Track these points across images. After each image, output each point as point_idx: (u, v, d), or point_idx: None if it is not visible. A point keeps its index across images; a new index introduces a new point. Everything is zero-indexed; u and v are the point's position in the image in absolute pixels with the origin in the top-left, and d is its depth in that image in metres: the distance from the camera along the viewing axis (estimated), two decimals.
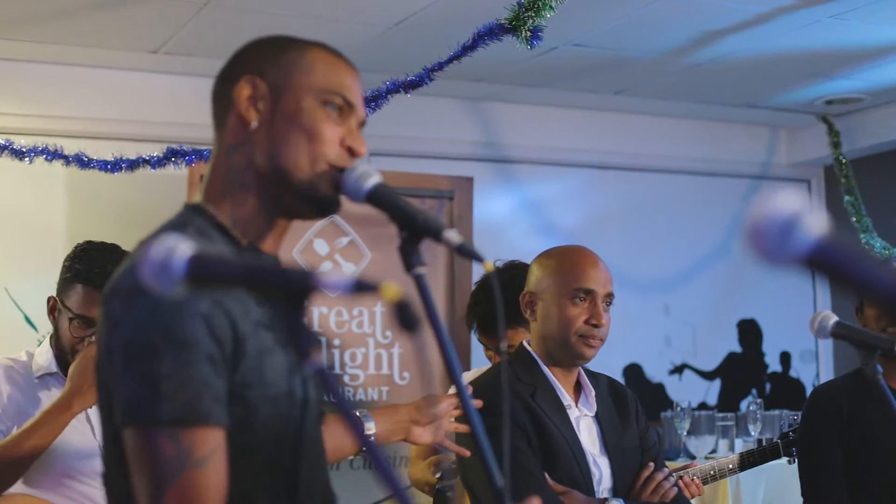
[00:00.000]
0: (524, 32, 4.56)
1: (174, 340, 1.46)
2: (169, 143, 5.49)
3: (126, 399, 1.48)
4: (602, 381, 3.03)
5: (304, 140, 1.67)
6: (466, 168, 6.60)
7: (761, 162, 7.79)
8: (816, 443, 3.16)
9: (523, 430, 2.74)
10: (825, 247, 0.93)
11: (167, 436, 1.45)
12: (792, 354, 7.79)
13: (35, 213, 5.72)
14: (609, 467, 2.86)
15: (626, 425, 2.95)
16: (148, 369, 1.46)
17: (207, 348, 1.49)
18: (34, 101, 5.81)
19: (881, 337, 2.19)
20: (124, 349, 1.48)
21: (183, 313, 1.48)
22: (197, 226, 1.63)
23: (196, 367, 1.47)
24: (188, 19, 5.21)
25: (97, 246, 3.17)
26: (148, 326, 1.47)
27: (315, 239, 6.03)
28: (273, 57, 1.70)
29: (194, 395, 1.46)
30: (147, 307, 1.47)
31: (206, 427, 1.47)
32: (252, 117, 1.66)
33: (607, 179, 7.30)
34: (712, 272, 7.52)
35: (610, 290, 2.87)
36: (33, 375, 3.12)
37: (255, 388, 1.55)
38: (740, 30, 5.64)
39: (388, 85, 5.06)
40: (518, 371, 2.87)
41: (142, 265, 1.23)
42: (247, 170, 1.67)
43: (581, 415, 2.89)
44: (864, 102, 7.15)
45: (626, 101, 7.10)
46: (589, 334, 2.82)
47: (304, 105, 1.68)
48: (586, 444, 2.84)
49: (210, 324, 1.50)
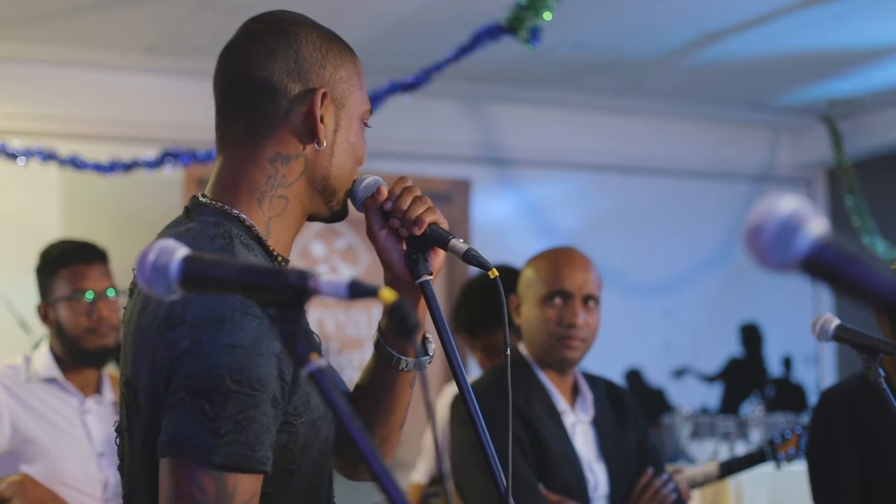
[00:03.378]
0: (523, 33, 4.53)
1: (246, 382, 1.40)
2: (164, 143, 5.47)
3: (178, 432, 1.41)
4: (601, 385, 2.97)
5: (353, 162, 1.66)
6: (465, 169, 6.57)
7: (763, 164, 7.76)
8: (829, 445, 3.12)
9: (517, 438, 2.71)
10: (823, 250, 0.91)
11: (212, 478, 1.40)
12: (794, 358, 7.76)
13: (29, 216, 5.70)
14: (606, 473, 2.81)
15: (623, 430, 2.90)
16: (212, 408, 1.39)
17: (274, 391, 1.44)
18: (28, 102, 5.79)
19: (883, 340, 2.14)
20: (189, 382, 1.40)
21: (259, 354, 1.42)
22: (240, 238, 1.55)
23: (261, 411, 1.42)
24: (184, 19, 5.19)
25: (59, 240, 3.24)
26: (220, 364, 1.40)
27: (313, 242, 6.01)
28: (335, 67, 1.62)
29: (255, 441, 1.41)
30: (221, 342, 1.41)
31: (254, 475, 1.43)
32: (324, 136, 1.60)
33: (607, 181, 7.27)
34: (713, 275, 7.49)
35: (590, 291, 2.80)
36: (31, 381, 3.09)
37: (301, 416, 1.51)
38: (742, 30, 5.61)
39: (387, 86, 5.04)
40: (513, 377, 2.81)
41: (136, 267, 1.20)
42: (294, 182, 1.61)
43: (577, 420, 2.84)
44: (867, 104, 7.12)
45: (626, 103, 7.07)
46: (565, 335, 2.77)
47: (357, 127, 1.66)
48: (582, 451, 2.80)
49: (281, 364, 1.44)
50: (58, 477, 2.99)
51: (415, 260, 1.65)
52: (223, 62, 1.65)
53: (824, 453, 3.11)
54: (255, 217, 1.60)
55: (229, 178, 1.61)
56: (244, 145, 1.61)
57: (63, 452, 3.01)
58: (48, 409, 3.03)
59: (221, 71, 1.64)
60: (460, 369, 1.60)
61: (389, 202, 1.66)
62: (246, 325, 1.41)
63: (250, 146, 1.60)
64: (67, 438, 3.02)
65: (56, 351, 3.12)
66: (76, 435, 3.06)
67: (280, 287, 1.18)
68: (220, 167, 1.63)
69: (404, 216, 1.65)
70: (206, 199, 1.61)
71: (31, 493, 2.72)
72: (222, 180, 1.62)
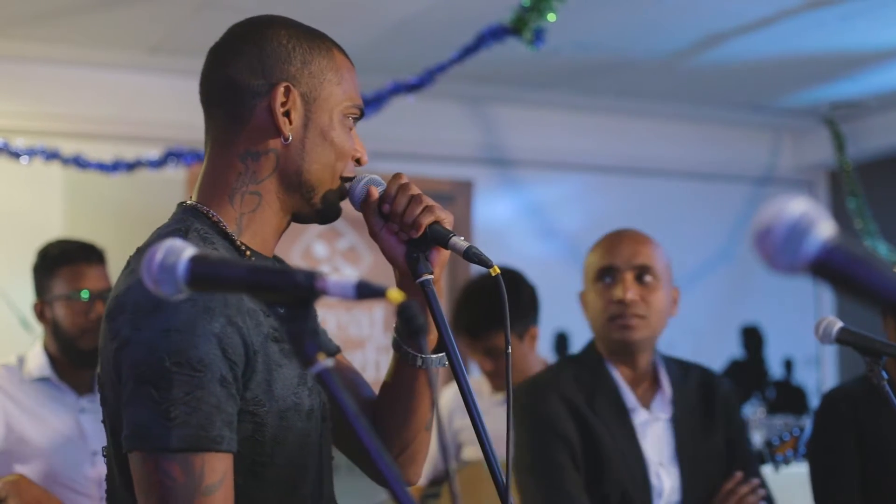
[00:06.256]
0: (527, 34, 4.53)
1: (186, 363, 1.42)
2: (167, 142, 5.46)
3: (135, 423, 1.43)
4: (693, 376, 2.72)
5: (332, 157, 1.64)
6: (467, 170, 6.57)
7: (765, 166, 7.76)
8: (831, 446, 3.11)
9: (567, 442, 2.52)
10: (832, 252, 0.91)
11: (177, 462, 1.41)
12: (795, 361, 7.75)
13: (31, 215, 5.69)
14: (679, 478, 2.56)
15: (710, 429, 2.64)
16: (159, 393, 1.42)
17: (220, 370, 1.45)
18: (31, 101, 5.79)
19: (886, 343, 2.14)
20: (134, 371, 1.43)
21: (196, 335, 1.43)
22: (198, 231, 1.58)
23: (208, 391, 1.43)
24: (187, 18, 5.19)
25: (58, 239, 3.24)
26: (159, 348, 1.42)
27: (315, 242, 6.01)
28: (303, 62, 1.62)
29: (206, 421, 1.43)
30: (158, 328, 1.43)
31: (217, 453, 1.44)
32: (288, 131, 1.61)
33: (609, 182, 7.27)
34: (715, 277, 7.48)
35: (639, 261, 2.58)
36: (25, 381, 3.09)
37: (264, 405, 1.52)
38: (744, 33, 5.61)
39: (391, 87, 5.03)
40: (580, 373, 2.62)
41: (144, 268, 1.19)
42: (266, 178, 1.62)
43: (650, 419, 2.60)
44: (870, 107, 7.12)
45: (629, 104, 7.06)
46: (617, 313, 2.54)
47: (334, 120, 1.64)
48: (650, 453, 2.56)
49: (223, 344, 1.45)
50: (53, 476, 2.98)
51: (415, 259, 1.63)
52: (203, 66, 1.68)
53: (826, 455, 3.09)
54: (225, 213, 1.62)
55: (207, 178, 1.65)
56: (218, 144, 1.64)
57: (58, 452, 3.00)
58: (42, 408, 3.02)
59: (202, 74, 1.67)
60: (461, 368, 1.59)
61: (387, 205, 1.65)
62: (181, 308, 1.42)
63: (223, 145, 1.63)
64: (62, 438, 3.01)
65: (50, 350, 3.11)
66: (71, 434, 3.05)
67: (287, 287, 1.18)
68: (202, 167, 1.67)
69: (402, 220, 1.64)
70: (190, 201, 1.65)
71: (27, 493, 2.71)
72: (202, 181, 1.66)
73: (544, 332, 3.94)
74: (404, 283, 1.68)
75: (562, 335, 6.93)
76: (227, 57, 1.64)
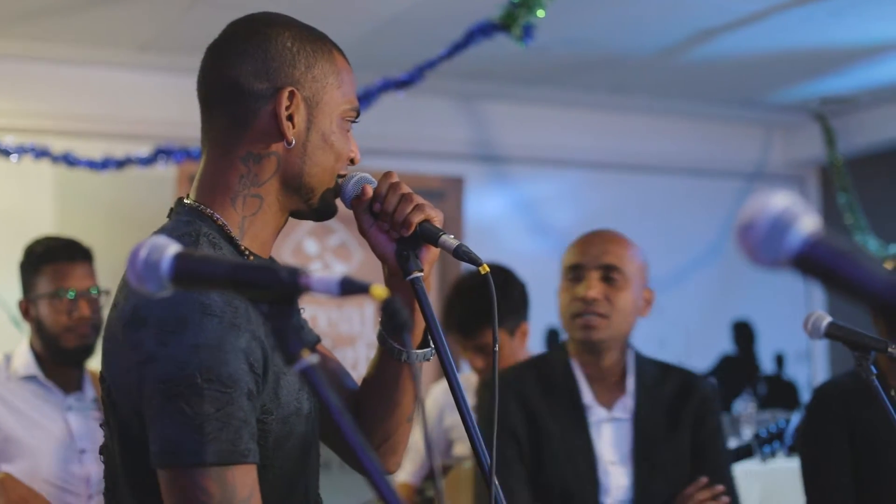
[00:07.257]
0: (517, 30, 4.53)
1: (217, 379, 1.43)
2: (157, 140, 5.45)
3: (166, 439, 1.43)
4: (672, 378, 2.69)
5: (332, 160, 1.65)
6: (458, 167, 6.57)
7: (756, 161, 7.77)
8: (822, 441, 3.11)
9: (514, 435, 2.55)
10: (815, 247, 0.91)
11: (212, 477, 1.42)
12: (786, 355, 7.77)
13: (22, 213, 5.68)
14: (629, 477, 2.56)
15: (675, 431, 2.62)
16: (191, 409, 1.42)
17: (248, 385, 1.46)
18: (20, 98, 5.77)
19: (875, 338, 2.14)
20: (163, 387, 1.43)
21: (225, 351, 1.44)
22: (207, 236, 1.57)
23: (237, 406, 1.44)
24: (178, 16, 5.17)
25: (44, 237, 3.22)
26: (189, 364, 1.42)
27: (306, 239, 6.00)
28: (307, 66, 1.62)
29: (235, 435, 1.44)
30: (186, 343, 1.43)
31: (246, 465, 1.45)
32: (291, 135, 1.61)
33: (600, 178, 7.27)
34: (706, 272, 7.49)
35: (606, 261, 2.56)
36: (11, 379, 3.08)
37: (272, 412, 1.53)
38: (735, 28, 5.61)
39: (380, 83, 5.03)
40: (544, 369, 2.65)
41: (128, 265, 1.19)
42: (268, 181, 1.62)
43: (608, 417, 2.60)
44: (860, 102, 7.13)
45: (619, 100, 7.07)
46: (579, 311, 2.55)
47: (335, 124, 1.65)
48: (603, 451, 2.57)
49: (250, 359, 1.47)
50: (40, 475, 2.97)
51: (405, 257, 1.64)
52: (203, 64, 1.66)
53: (817, 449, 3.09)
54: (228, 216, 1.62)
55: (206, 179, 1.64)
56: (219, 145, 1.63)
57: (45, 450, 2.99)
58: (29, 407, 3.02)
59: (201, 72, 1.66)
60: (451, 365, 1.59)
61: (378, 203, 1.65)
62: (207, 326, 1.43)
63: (225, 146, 1.63)
64: (49, 436, 3.00)
65: (36, 348, 3.10)
66: (57, 432, 3.04)
67: (271, 284, 1.18)
68: (201, 167, 1.66)
69: (392, 218, 1.64)
70: (189, 199, 1.64)
71: (13, 492, 2.71)
72: (201, 181, 1.65)
73: (535, 329, 3.93)
74: (393, 280, 1.68)
75: (553, 331, 6.94)
76: (228, 57, 1.62)
